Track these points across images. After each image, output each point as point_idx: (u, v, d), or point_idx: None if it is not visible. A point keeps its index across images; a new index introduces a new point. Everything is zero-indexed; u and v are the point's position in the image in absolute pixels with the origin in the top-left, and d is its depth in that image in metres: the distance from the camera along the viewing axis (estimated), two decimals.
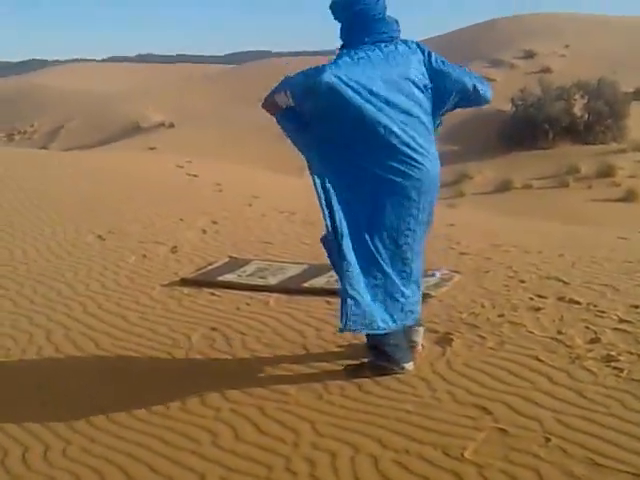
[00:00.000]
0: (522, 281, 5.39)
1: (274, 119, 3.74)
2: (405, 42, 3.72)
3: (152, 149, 29.01)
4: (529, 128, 26.13)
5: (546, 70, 35.96)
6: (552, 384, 3.63)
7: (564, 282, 5.31)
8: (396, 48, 3.65)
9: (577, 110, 26.91)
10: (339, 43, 3.74)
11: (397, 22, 3.75)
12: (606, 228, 11.94)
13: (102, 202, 9.56)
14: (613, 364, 3.78)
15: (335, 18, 3.74)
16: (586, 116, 26.62)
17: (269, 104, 3.68)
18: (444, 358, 4.01)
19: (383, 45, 3.62)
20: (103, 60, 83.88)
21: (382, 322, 3.66)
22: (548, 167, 23.59)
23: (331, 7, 3.74)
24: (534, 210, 18.10)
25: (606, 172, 22.37)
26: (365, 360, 3.94)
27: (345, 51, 3.58)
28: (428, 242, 6.96)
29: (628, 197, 20.32)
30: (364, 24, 3.64)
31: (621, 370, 3.70)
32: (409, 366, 3.84)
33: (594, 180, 22.02)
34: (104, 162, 14.45)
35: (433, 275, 5.50)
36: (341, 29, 3.73)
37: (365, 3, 3.65)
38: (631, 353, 3.90)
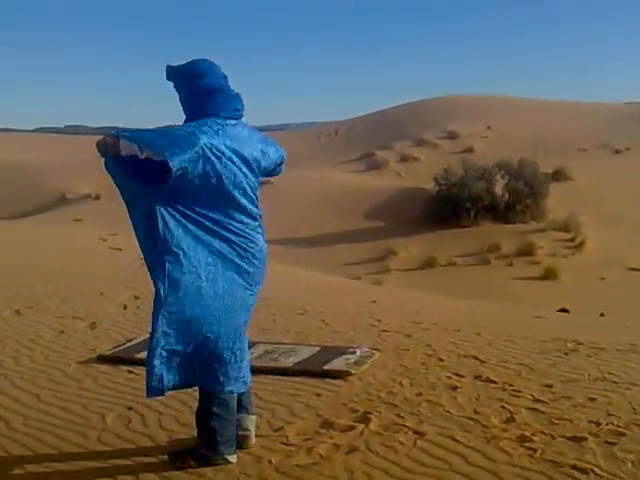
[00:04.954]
0: (440, 359, 5.46)
1: (103, 160, 3.55)
2: (243, 124, 3.75)
3: (78, 221, 28.60)
4: (452, 206, 26.71)
5: (468, 150, 37.09)
6: (468, 465, 3.65)
7: (481, 361, 5.39)
8: (242, 128, 3.70)
9: (498, 190, 27.65)
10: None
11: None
12: (524, 306, 12.22)
13: (22, 275, 9.36)
14: (527, 444, 3.84)
15: (176, 87, 3.73)
16: (507, 196, 27.37)
17: (111, 146, 3.38)
18: (362, 438, 4.00)
19: (234, 122, 3.66)
20: (32, 130, 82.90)
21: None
22: (470, 245, 24.09)
23: (170, 76, 3.70)
24: (457, 287, 18.41)
25: (526, 250, 22.95)
26: (192, 446, 3.83)
27: (203, 121, 3.56)
28: (351, 318, 7.07)
29: (547, 275, 20.85)
30: (215, 97, 3.64)
31: (535, 450, 3.76)
32: (232, 458, 3.74)
33: (514, 258, 22.53)
34: (27, 234, 14.19)
35: (354, 352, 5.52)
36: (189, 100, 3.69)
37: (216, 77, 3.68)
38: (544, 433, 3.97)
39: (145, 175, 3.47)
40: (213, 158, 3.48)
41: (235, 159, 3.58)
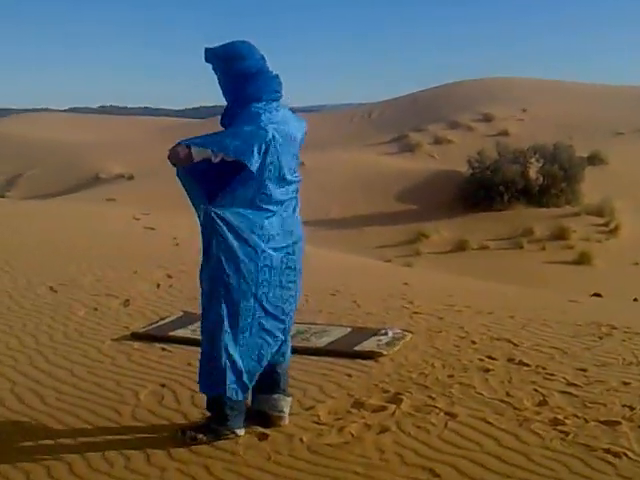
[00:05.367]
0: (473, 342, 5.44)
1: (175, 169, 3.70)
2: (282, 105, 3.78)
3: (111, 200, 28.84)
4: (485, 190, 26.52)
5: (503, 133, 36.75)
6: (500, 447, 3.64)
7: (514, 344, 5.36)
8: (284, 110, 3.74)
9: (532, 173, 27.40)
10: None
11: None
12: (558, 290, 12.12)
13: (56, 253, 9.46)
14: (559, 427, 3.81)
15: (214, 69, 3.74)
16: (541, 179, 27.11)
17: (184, 155, 3.57)
18: (393, 418, 4.00)
19: (276, 105, 3.69)
20: (66, 110, 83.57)
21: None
22: (503, 228, 23.93)
23: (208, 58, 3.71)
24: (489, 271, 18.29)
25: (560, 235, 22.75)
26: (201, 422, 3.94)
27: (254, 111, 3.58)
28: (383, 300, 7.06)
29: (580, 260, 20.66)
30: (256, 80, 3.65)
31: (567, 434, 3.73)
32: (240, 432, 3.80)
33: (548, 242, 22.35)
34: (61, 212, 14.33)
35: (385, 334, 5.52)
36: (229, 84, 3.70)
37: (255, 59, 3.68)
38: (577, 417, 3.94)
39: (215, 182, 3.63)
40: (272, 148, 3.55)
41: (286, 143, 3.64)
